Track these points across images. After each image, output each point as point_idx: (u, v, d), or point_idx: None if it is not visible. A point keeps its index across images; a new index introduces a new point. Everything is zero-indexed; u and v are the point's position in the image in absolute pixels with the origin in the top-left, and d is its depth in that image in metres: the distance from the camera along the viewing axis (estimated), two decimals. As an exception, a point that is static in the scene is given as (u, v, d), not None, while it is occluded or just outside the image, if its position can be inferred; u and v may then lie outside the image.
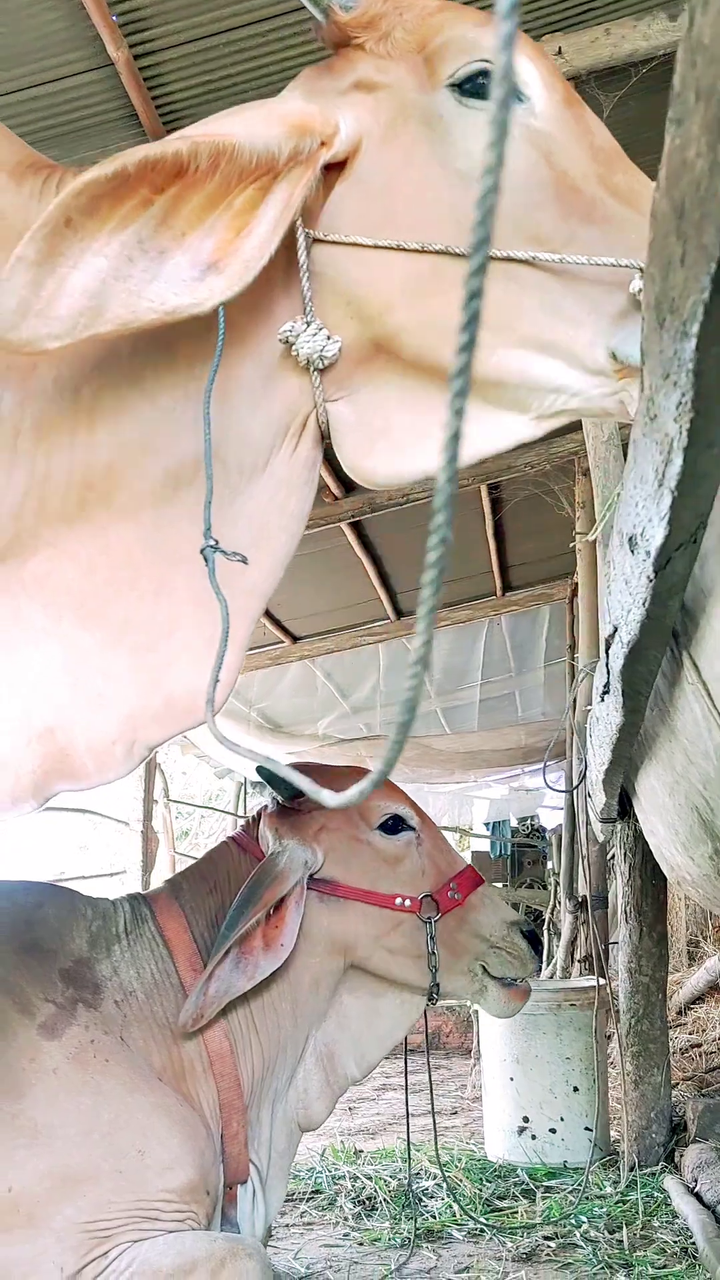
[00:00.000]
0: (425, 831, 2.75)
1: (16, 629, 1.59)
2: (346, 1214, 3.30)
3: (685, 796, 2.52)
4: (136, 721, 1.61)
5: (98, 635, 1.61)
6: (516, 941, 2.73)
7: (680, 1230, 2.95)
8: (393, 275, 1.51)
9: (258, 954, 2.39)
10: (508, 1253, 2.90)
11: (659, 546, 1.47)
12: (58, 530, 1.59)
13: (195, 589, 1.58)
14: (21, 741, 1.58)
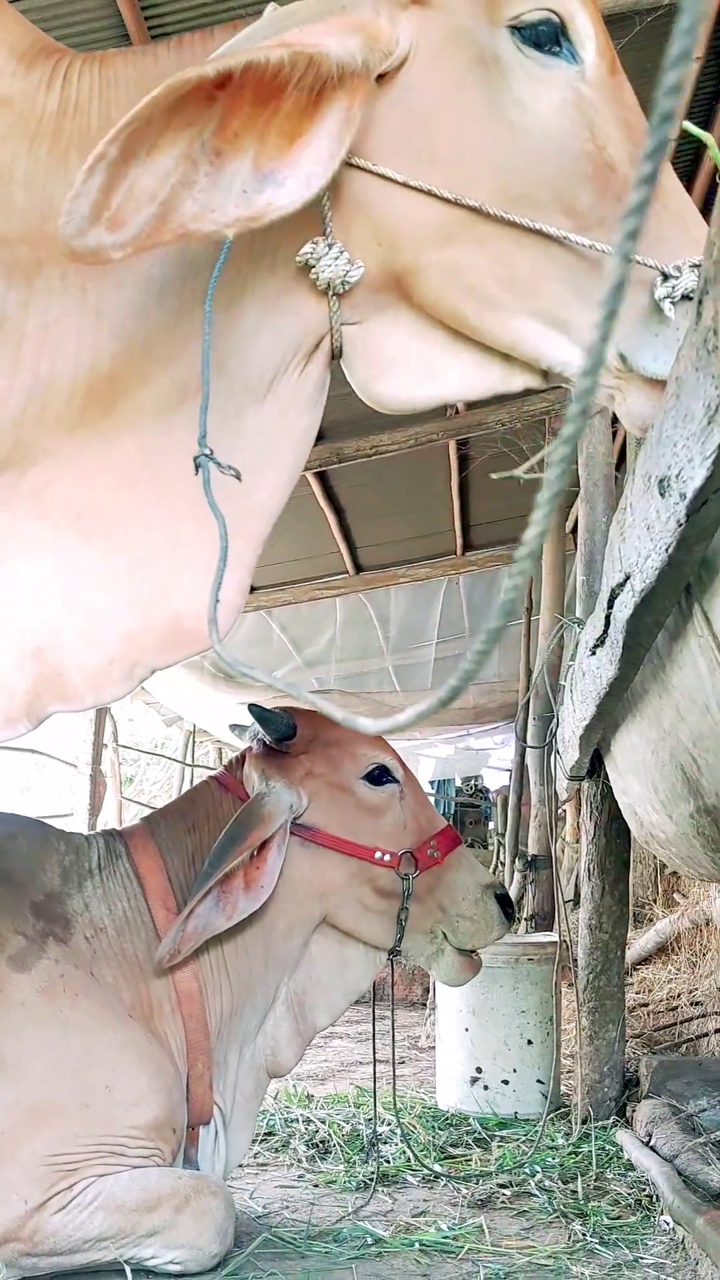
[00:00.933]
0: (409, 786, 2.74)
1: (13, 542, 1.54)
2: (300, 1156, 3.31)
3: (670, 753, 2.51)
4: (139, 642, 1.58)
5: (96, 550, 1.56)
6: (488, 906, 2.73)
7: (633, 1183, 2.98)
8: (423, 215, 1.47)
9: (238, 894, 2.37)
10: (463, 1199, 2.92)
11: (697, 488, 1.44)
12: (59, 438, 1.53)
13: (198, 505, 1.53)
14: (13, 661, 1.54)
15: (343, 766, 2.65)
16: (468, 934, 2.74)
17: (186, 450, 1.53)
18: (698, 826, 2.61)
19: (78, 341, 1.50)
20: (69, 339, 1.50)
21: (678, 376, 1.40)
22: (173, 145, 1.29)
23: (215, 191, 1.32)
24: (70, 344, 1.50)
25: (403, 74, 1.46)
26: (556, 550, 7.30)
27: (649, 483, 1.65)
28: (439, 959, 2.78)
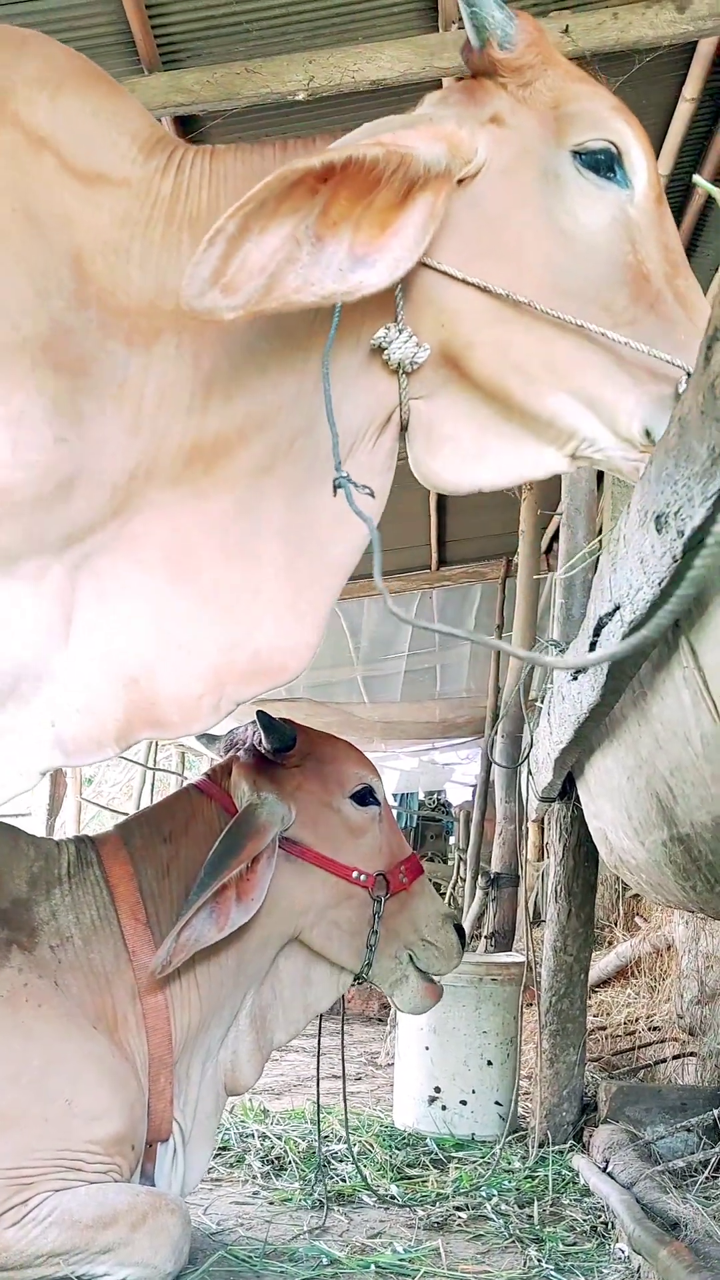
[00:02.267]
0: (384, 809, 2.75)
1: (114, 583, 1.70)
2: (255, 1172, 3.28)
3: (646, 781, 2.52)
4: (222, 676, 1.74)
5: (186, 593, 1.72)
6: (449, 935, 2.78)
7: (589, 1209, 2.98)
8: (481, 303, 1.66)
9: (230, 906, 2.35)
10: (419, 1221, 2.91)
11: (696, 527, 1.44)
12: (163, 491, 1.70)
13: (279, 558, 1.75)
14: (110, 689, 1.70)
15: (332, 784, 2.66)
16: (433, 959, 2.77)
17: (274, 508, 1.74)
18: (669, 855, 2.62)
19: (189, 405, 1.67)
20: (181, 402, 1.67)
21: (680, 418, 1.41)
22: (281, 226, 1.47)
23: (315, 268, 1.50)
24: (182, 407, 1.67)
25: (477, 181, 1.66)
26: (531, 570, 7.33)
27: (645, 517, 1.65)
28: (403, 985, 2.79)
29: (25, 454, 1.53)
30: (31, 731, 1.66)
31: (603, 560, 2.09)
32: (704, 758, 2.04)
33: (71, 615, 1.66)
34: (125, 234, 1.63)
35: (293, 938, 2.64)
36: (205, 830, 2.57)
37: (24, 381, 1.53)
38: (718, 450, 1.30)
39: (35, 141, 1.59)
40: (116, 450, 1.64)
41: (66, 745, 1.68)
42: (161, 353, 1.64)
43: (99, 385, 1.62)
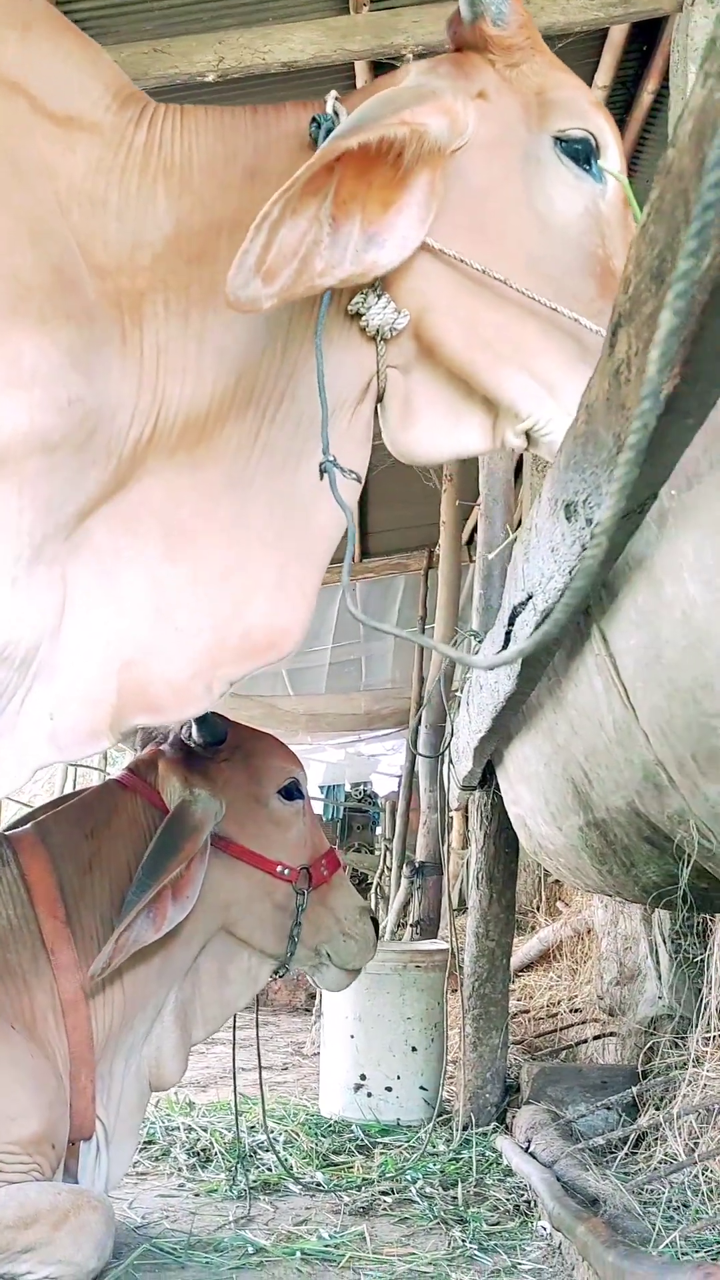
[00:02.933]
0: (307, 803, 2.77)
1: (113, 560, 1.63)
2: (181, 1165, 3.28)
3: (563, 767, 2.56)
4: (215, 656, 1.68)
5: (180, 568, 1.66)
6: (366, 927, 2.83)
7: (512, 1189, 3.03)
8: (456, 279, 1.66)
9: (167, 905, 2.34)
10: (345, 1206, 2.93)
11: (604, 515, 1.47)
12: (160, 459, 1.64)
13: (266, 531, 1.71)
14: (104, 675, 1.62)
15: (260, 779, 2.66)
16: (350, 953, 2.82)
17: (262, 474, 1.70)
18: (586, 839, 2.67)
19: (183, 365, 1.61)
20: (176, 363, 1.61)
21: (588, 405, 1.43)
22: (307, 209, 1.46)
23: (335, 250, 1.50)
24: (177, 368, 1.61)
25: (462, 154, 1.65)
26: (452, 562, 7.38)
27: (555, 506, 1.68)
28: (322, 970, 2.84)
29: (43, 419, 1.43)
30: (30, 727, 1.58)
31: (517, 549, 2.12)
32: (616, 742, 2.08)
33: (69, 597, 1.58)
34: (101, 183, 1.56)
35: (216, 932, 2.63)
36: (130, 825, 2.55)
37: (34, 335, 1.42)
38: (624, 438, 1.32)
39: (8, 85, 1.51)
40: (126, 414, 1.57)
41: (61, 739, 1.59)
42: (150, 311, 1.58)
43: (106, 339, 1.53)
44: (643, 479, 1.36)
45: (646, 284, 1.11)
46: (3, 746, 1.56)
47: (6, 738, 1.56)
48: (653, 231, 1.07)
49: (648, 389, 0.89)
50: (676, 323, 0.83)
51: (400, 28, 4.41)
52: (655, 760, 1.90)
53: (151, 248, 1.57)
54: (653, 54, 5.05)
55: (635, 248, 1.15)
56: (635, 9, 4.42)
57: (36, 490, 1.45)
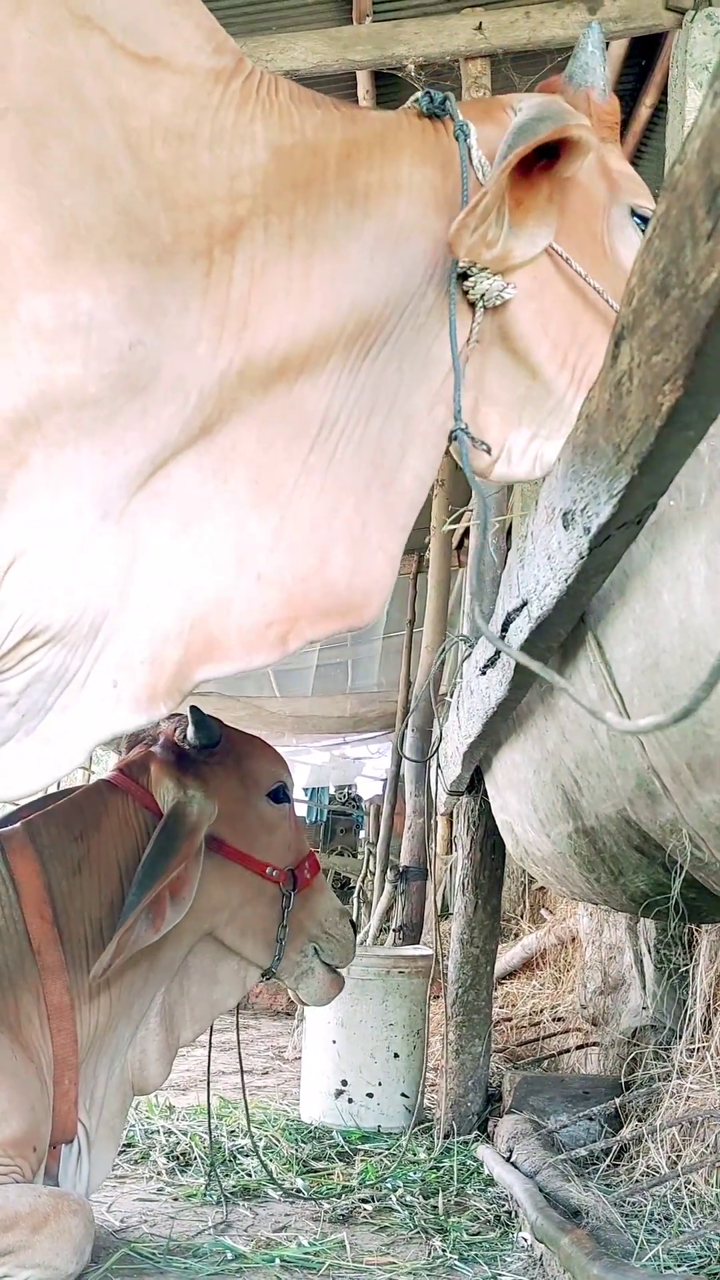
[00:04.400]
0: (292, 807, 2.78)
1: (198, 508, 1.54)
2: (160, 1169, 3.25)
3: (552, 774, 2.56)
4: (297, 607, 1.61)
5: (268, 517, 1.59)
6: (346, 929, 2.84)
7: (494, 1198, 3.02)
8: (550, 278, 1.72)
9: (165, 906, 2.34)
10: (324, 1214, 2.91)
11: (602, 524, 1.46)
12: (254, 395, 1.56)
13: (355, 480, 1.64)
14: (173, 634, 1.53)
15: (250, 781, 2.67)
16: (335, 952, 2.81)
17: (357, 416, 1.64)
18: (574, 846, 2.67)
19: (286, 288, 1.53)
20: (278, 284, 1.52)
21: (588, 415, 1.43)
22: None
23: (493, 230, 1.60)
24: (279, 289, 1.53)
25: (570, 182, 1.72)
26: (442, 566, 7.38)
27: (553, 514, 1.67)
28: (308, 977, 2.83)
29: (98, 366, 1.34)
30: (94, 699, 1.48)
31: (511, 556, 2.11)
32: (609, 750, 2.07)
33: (141, 553, 1.48)
34: (191, 118, 1.49)
35: (205, 934, 2.62)
36: (121, 826, 2.54)
37: (91, 278, 1.34)
38: (624, 449, 1.31)
39: (81, 20, 1.43)
40: (206, 351, 1.47)
41: (124, 707, 1.50)
42: (248, 236, 1.50)
43: (182, 276, 1.44)
44: (642, 489, 1.36)
45: (650, 297, 1.11)
46: (65, 721, 1.48)
47: (69, 711, 1.48)
48: (657, 246, 1.07)
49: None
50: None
51: (402, 39, 4.42)
52: (649, 768, 1.90)
53: (250, 174, 1.50)
54: (651, 69, 5.08)
55: (639, 261, 1.14)
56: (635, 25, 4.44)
57: (95, 440, 1.37)
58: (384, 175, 1.61)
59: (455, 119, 1.69)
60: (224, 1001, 2.75)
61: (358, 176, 1.59)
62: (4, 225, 1.29)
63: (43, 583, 1.35)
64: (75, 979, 2.40)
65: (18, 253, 1.30)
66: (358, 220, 1.59)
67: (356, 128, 1.62)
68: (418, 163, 1.65)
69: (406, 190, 1.63)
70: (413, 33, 4.52)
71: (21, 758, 1.45)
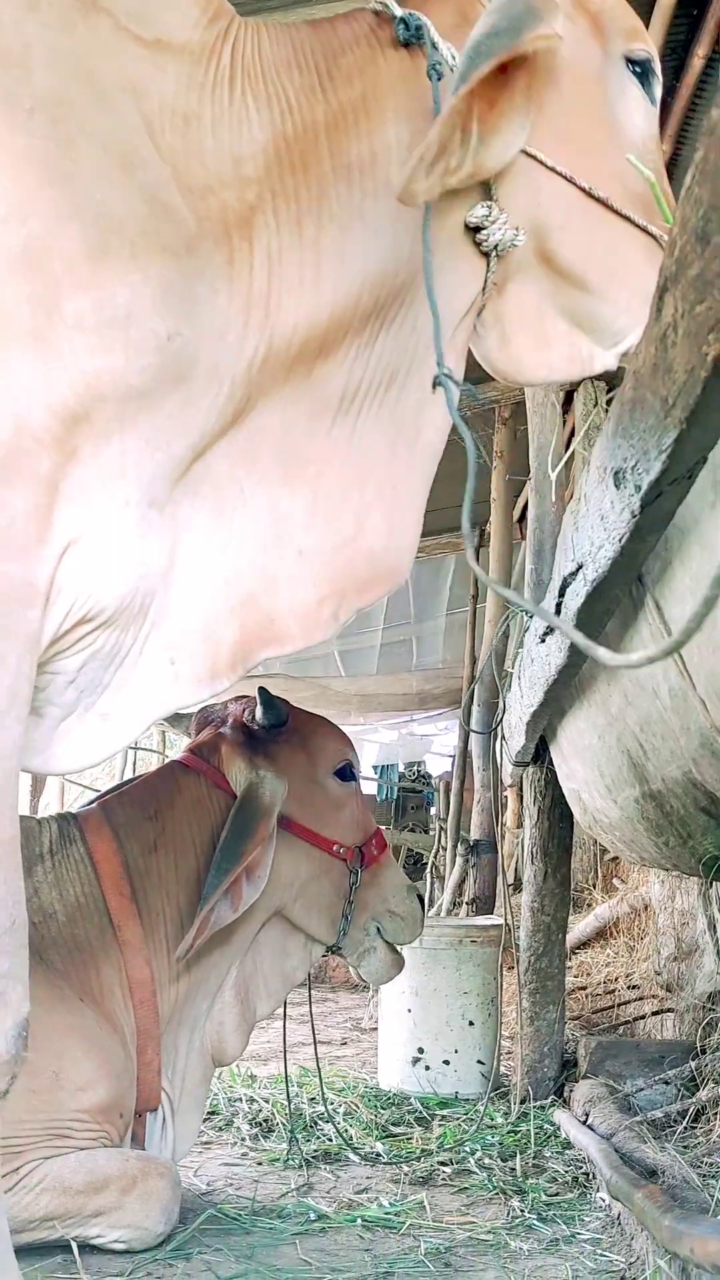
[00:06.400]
0: (359, 784, 2.83)
1: (232, 490, 1.58)
2: (244, 1135, 3.32)
3: (617, 739, 2.56)
4: (341, 581, 1.65)
5: (300, 493, 1.62)
6: (413, 904, 2.89)
7: (570, 1161, 3.04)
8: (569, 193, 1.67)
9: (242, 884, 2.40)
10: (404, 1176, 2.96)
11: (652, 481, 1.47)
12: (277, 380, 1.59)
13: (380, 445, 1.66)
14: (225, 611, 1.58)
15: (317, 760, 2.72)
16: (399, 929, 2.88)
17: (377, 384, 1.66)
18: (642, 811, 2.67)
19: (299, 274, 1.56)
20: (292, 271, 1.55)
21: (635, 371, 1.43)
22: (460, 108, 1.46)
23: (459, 149, 1.48)
24: (294, 276, 1.55)
25: (556, 63, 1.63)
26: (504, 538, 7.36)
27: (604, 474, 1.68)
28: (370, 955, 2.90)
29: (139, 359, 1.38)
30: (149, 675, 1.54)
31: (566, 520, 2.12)
32: (672, 710, 2.08)
33: (182, 536, 1.53)
34: (194, 99, 1.50)
35: (275, 909, 2.68)
36: (193, 806, 2.60)
37: (126, 272, 1.37)
38: (671, 402, 1.32)
39: (88, 5, 1.44)
40: (235, 339, 1.51)
41: (184, 682, 1.56)
42: (261, 222, 1.52)
43: (208, 264, 1.47)
44: (691, 443, 1.36)
45: (692, 245, 1.11)
46: (124, 697, 1.53)
47: (125, 689, 1.53)
48: (698, 193, 1.07)
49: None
50: None
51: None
52: (713, 727, 1.90)
53: (253, 159, 1.52)
54: (703, 18, 4.96)
55: (681, 209, 1.14)
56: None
57: (139, 430, 1.41)
58: (373, 143, 1.60)
59: (428, 58, 1.60)
60: (294, 975, 2.82)
61: (349, 150, 1.59)
62: (41, 227, 1.32)
63: (96, 569, 1.40)
64: (154, 953, 2.47)
65: (57, 253, 1.33)
66: (356, 199, 1.60)
67: (338, 91, 1.59)
68: (402, 116, 1.63)
69: (395, 152, 1.61)
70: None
71: (81, 733, 1.51)
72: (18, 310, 1.31)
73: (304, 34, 1.65)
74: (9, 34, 1.36)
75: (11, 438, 1.30)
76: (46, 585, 1.35)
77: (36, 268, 1.31)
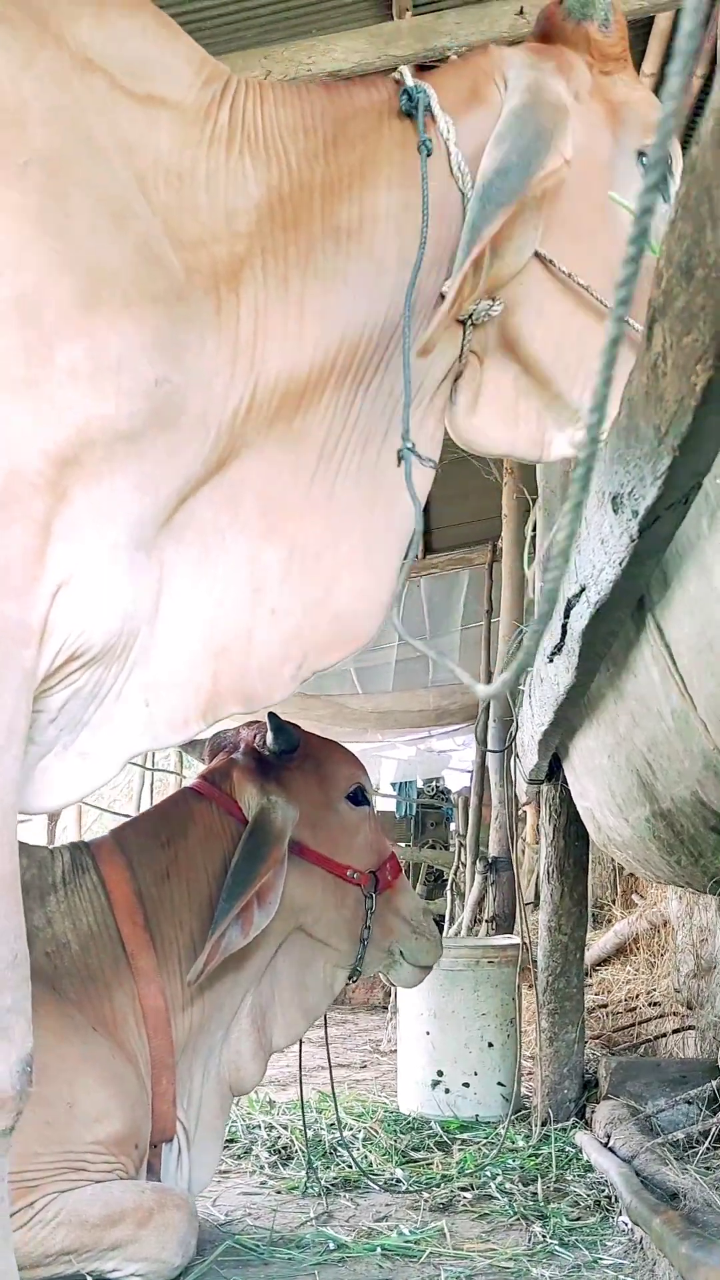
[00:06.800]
0: (372, 809, 2.82)
1: (215, 539, 1.61)
2: (262, 1163, 3.31)
3: (626, 759, 2.55)
4: (305, 642, 1.67)
5: (277, 546, 1.65)
6: (431, 928, 2.88)
7: (593, 1184, 3.02)
8: (546, 286, 1.70)
9: (253, 910, 2.39)
10: (424, 1203, 2.94)
11: (648, 506, 1.47)
12: (260, 432, 1.62)
13: (353, 503, 1.69)
14: (200, 660, 1.60)
15: (329, 785, 2.71)
16: (421, 951, 2.86)
17: (353, 448, 1.68)
18: (653, 830, 2.66)
19: (283, 328, 1.60)
20: (276, 325, 1.59)
21: (629, 398, 1.43)
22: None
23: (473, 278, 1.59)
24: (278, 330, 1.59)
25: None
26: (516, 555, 7.35)
27: (603, 499, 1.68)
28: (396, 968, 2.88)
29: (129, 404, 1.42)
30: (127, 715, 1.57)
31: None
32: (676, 732, 2.07)
33: (167, 580, 1.56)
34: (187, 157, 1.55)
35: (289, 935, 2.67)
36: (205, 833, 2.60)
37: (118, 321, 1.41)
38: (664, 430, 1.32)
39: (83, 62, 1.49)
40: (222, 386, 1.54)
41: (157, 726, 1.59)
42: (249, 276, 1.57)
43: (197, 313, 1.51)
44: (685, 469, 1.36)
45: (677, 279, 1.12)
46: (101, 736, 1.56)
47: (105, 728, 1.56)
48: (681, 228, 1.08)
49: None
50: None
51: (443, 30, 4.41)
52: (715, 749, 1.89)
53: (245, 215, 1.56)
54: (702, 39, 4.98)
55: (666, 243, 1.15)
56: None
57: (128, 474, 1.44)
58: (364, 208, 1.63)
59: (419, 134, 1.64)
60: (315, 1007, 2.79)
61: (341, 213, 1.62)
62: (36, 279, 1.36)
63: (85, 608, 1.42)
64: (167, 982, 2.47)
65: (52, 303, 1.37)
66: (341, 260, 1.63)
67: (339, 155, 1.62)
68: (395, 184, 1.66)
69: (384, 221, 1.64)
70: (454, 23, 4.49)
71: (59, 771, 1.54)
72: (12, 358, 1.34)
73: (317, 97, 1.69)
74: (5, 91, 1.40)
75: (6, 481, 1.32)
76: (40, 624, 1.38)
77: (30, 317, 1.35)
